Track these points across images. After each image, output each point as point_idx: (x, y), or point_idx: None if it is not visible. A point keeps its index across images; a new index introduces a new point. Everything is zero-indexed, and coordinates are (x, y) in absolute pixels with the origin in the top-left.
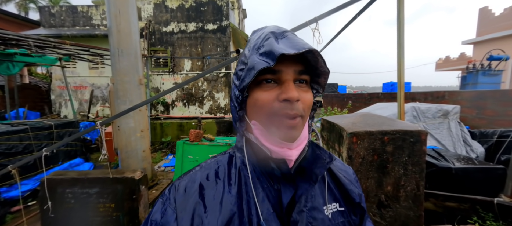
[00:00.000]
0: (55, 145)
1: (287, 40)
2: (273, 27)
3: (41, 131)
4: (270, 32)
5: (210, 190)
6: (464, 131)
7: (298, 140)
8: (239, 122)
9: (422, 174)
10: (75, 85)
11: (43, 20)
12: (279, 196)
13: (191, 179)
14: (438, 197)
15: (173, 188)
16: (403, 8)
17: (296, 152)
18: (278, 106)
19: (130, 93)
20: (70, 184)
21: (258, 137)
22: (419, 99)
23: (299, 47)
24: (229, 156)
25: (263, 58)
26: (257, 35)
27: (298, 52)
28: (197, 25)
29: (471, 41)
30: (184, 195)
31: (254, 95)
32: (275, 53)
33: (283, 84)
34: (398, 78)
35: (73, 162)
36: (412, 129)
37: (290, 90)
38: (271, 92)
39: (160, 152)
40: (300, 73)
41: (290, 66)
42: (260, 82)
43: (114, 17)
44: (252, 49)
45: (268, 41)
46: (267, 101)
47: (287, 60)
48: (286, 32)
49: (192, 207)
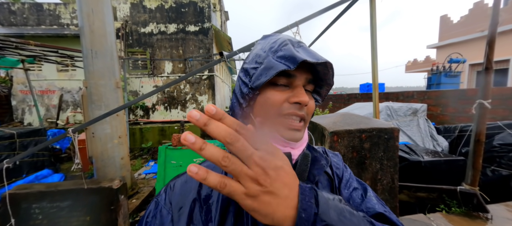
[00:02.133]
0: (18, 156)
1: (303, 50)
2: (287, 35)
3: (1, 141)
4: (288, 39)
5: (207, 189)
6: (431, 127)
7: (300, 141)
8: (242, 119)
9: (396, 168)
10: (41, 90)
11: (1, 18)
12: None
13: (188, 178)
14: (410, 188)
15: (168, 188)
16: (375, 14)
17: (297, 152)
18: (287, 107)
19: (106, 97)
20: (37, 199)
21: None
22: (392, 98)
23: (317, 58)
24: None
25: (282, 61)
26: (272, 39)
27: (318, 62)
28: (178, 27)
29: (434, 45)
30: (180, 194)
31: (266, 94)
32: (297, 59)
33: (295, 88)
34: (373, 79)
35: (39, 174)
36: (386, 126)
37: (302, 94)
38: (283, 93)
39: (140, 158)
40: (309, 81)
41: (303, 74)
42: (272, 83)
43: (86, 17)
44: (269, 51)
45: (287, 47)
46: (278, 101)
47: (301, 67)
48: (301, 42)
49: (188, 206)
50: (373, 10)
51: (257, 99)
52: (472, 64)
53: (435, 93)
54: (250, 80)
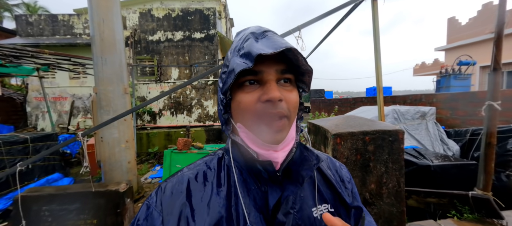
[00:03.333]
0: (30, 160)
1: (267, 40)
2: (254, 27)
3: (15, 145)
4: (250, 32)
5: (198, 192)
6: (441, 130)
7: (284, 142)
8: (225, 125)
9: (402, 171)
10: (54, 96)
11: (20, 29)
12: (266, 198)
13: (179, 180)
14: (419, 193)
15: (159, 190)
16: (377, 17)
17: (282, 154)
18: (261, 107)
19: (114, 102)
20: (47, 201)
21: (244, 140)
22: (399, 102)
23: (276, 46)
24: (218, 158)
25: (243, 60)
26: (239, 37)
27: (276, 52)
28: (184, 34)
29: (443, 48)
30: (171, 197)
31: (237, 98)
32: (253, 54)
33: (265, 84)
34: (377, 82)
35: (50, 178)
36: (390, 128)
37: (271, 90)
38: (253, 93)
39: (146, 163)
40: (282, 72)
41: (271, 66)
42: (242, 84)
43: (97, 26)
44: (233, 51)
45: (248, 42)
46: (249, 103)
47: (268, 60)
48: (267, 31)
49: (178, 209)
50: (375, 12)
51: (231, 104)
52: (483, 66)
53: (444, 95)
54: (222, 85)
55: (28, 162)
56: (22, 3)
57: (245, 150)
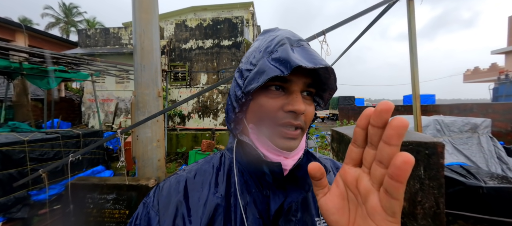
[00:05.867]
0: (79, 152)
1: (302, 51)
2: (288, 32)
3: (70, 139)
4: (286, 37)
5: (195, 192)
6: (498, 147)
7: (295, 151)
8: (235, 124)
9: (441, 190)
10: (103, 98)
11: (80, 41)
12: (268, 202)
13: (177, 180)
14: (468, 219)
15: (157, 189)
16: (414, 18)
17: (291, 162)
18: (282, 115)
19: (149, 104)
20: (91, 190)
21: (254, 141)
22: (444, 112)
23: (316, 62)
24: (219, 158)
25: (276, 65)
26: (269, 37)
27: (315, 67)
28: (214, 42)
29: (502, 50)
30: (168, 196)
31: (259, 100)
32: (291, 63)
33: (291, 94)
34: (413, 88)
35: (95, 169)
36: (427, 140)
37: (298, 102)
38: (278, 100)
39: (175, 162)
40: (308, 85)
41: (301, 78)
42: (267, 87)
43: (138, 36)
44: (264, 52)
45: (283, 47)
46: (272, 109)
47: (299, 71)
48: (301, 40)
49: (174, 208)
50: (411, 13)
51: (250, 104)
52: None
53: (504, 106)
54: (244, 83)
55: (78, 154)
56: (84, 20)
57: (251, 151)
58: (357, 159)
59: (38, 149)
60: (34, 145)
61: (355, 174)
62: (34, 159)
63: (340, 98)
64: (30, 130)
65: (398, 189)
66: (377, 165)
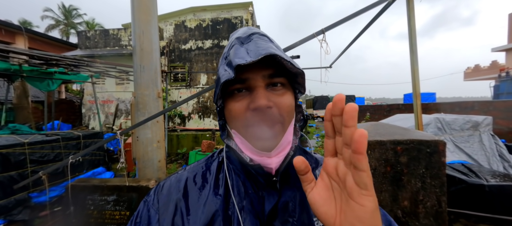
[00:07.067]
0: (79, 153)
1: (252, 44)
2: (241, 30)
3: (71, 141)
4: (236, 37)
5: (195, 192)
6: (500, 144)
7: (277, 148)
8: (222, 131)
9: (443, 188)
10: (103, 100)
11: (80, 43)
12: (264, 203)
13: (177, 179)
14: (470, 217)
15: (158, 188)
16: (414, 16)
17: (276, 160)
18: (251, 115)
19: (149, 105)
20: (91, 191)
21: (238, 145)
22: (445, 110)
23: (257, 53)
24: (218, 161)
25: (228, 69)
26: (229, 42)
27: (254, 60)
28: (213, 42)
29: (503, 48)
30: (168, 195)
31: (228, 106)
32: (233, 63)
33: (253, 91)
34: (413, 86)
35: (96, 171)
36: (428, 138)
37: (257, 98)
38: (243, 101)
39: (175, 163)
40: (270, 76)
41: (258, 72)
42: (232, 92)
43: (138, 37)
44: (222, 59)
45: (233, 49)
46: (239, 111)
47: (253, 66)
48: (253, 34)
49: (174, 206)
50: (411, 11)
51: (224, 112)
52: None
53: (505, 103)
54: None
55: (78, 156)
56: (83, 22)
57: (238, 156)
58: (332, 149)
59: (38, 151)
60: (34, 147)
61: (334, 163)
62: (34, 161)
63: None
64: (30, 132)
65: (361, 160)
66: (345, 148)
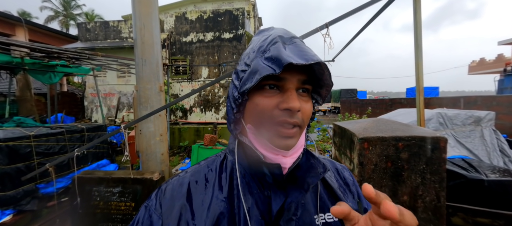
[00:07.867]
0: (85, 146)
1: (295, 47)
2: (281, 30)
3: (75, 134)
4: (278, 35)
5: (199, 195)
6: (501, 140)
7: (293, 149)
8: (234, 124)
9: (443, 184)
10: (105, 93)
11: (80, 35)
12: (269, 203)
13: (179, 182)
14: (468, 212)
15: (160, 191)
16: (420, 7)
17: (290, 160)
18: (278, 113)
19: (151, 99)
20: (97, 183)
21: (252, 141)
22: (447, 105)
23: (308, 58)
24: (220, 160)
25: (268, 64)
26: (263, 37)
27: (307, 63)
28: (214, 34)
29: (509, 41)
30: (171, 199)
31: (255, 100)
32: (282, 61)
33: (286, 92)
34: (417, 80)
35: (100, 163)
36: (429, 135)
37: (292, 99)
38: (273, 98)
39: (178, 156)
40: (303, 82)
41: (295, 75)
42: (261, 87)
43: (139, 30)
44: (257, 51)
45: (275, 45)
46: (267, 108)
47: (292, 68)
48: (294, 38)
49: (178, 212)
50: (417, 3)
51: (246, 104)
52: None
53: (508, 98)
54: (239, 84)
55: (83, 148)
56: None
57: (251, 152)
58: None
59: (43, 144)
60: (39, 139)
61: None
62: (40, 153)
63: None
64: (35, 124)
65: None
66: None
